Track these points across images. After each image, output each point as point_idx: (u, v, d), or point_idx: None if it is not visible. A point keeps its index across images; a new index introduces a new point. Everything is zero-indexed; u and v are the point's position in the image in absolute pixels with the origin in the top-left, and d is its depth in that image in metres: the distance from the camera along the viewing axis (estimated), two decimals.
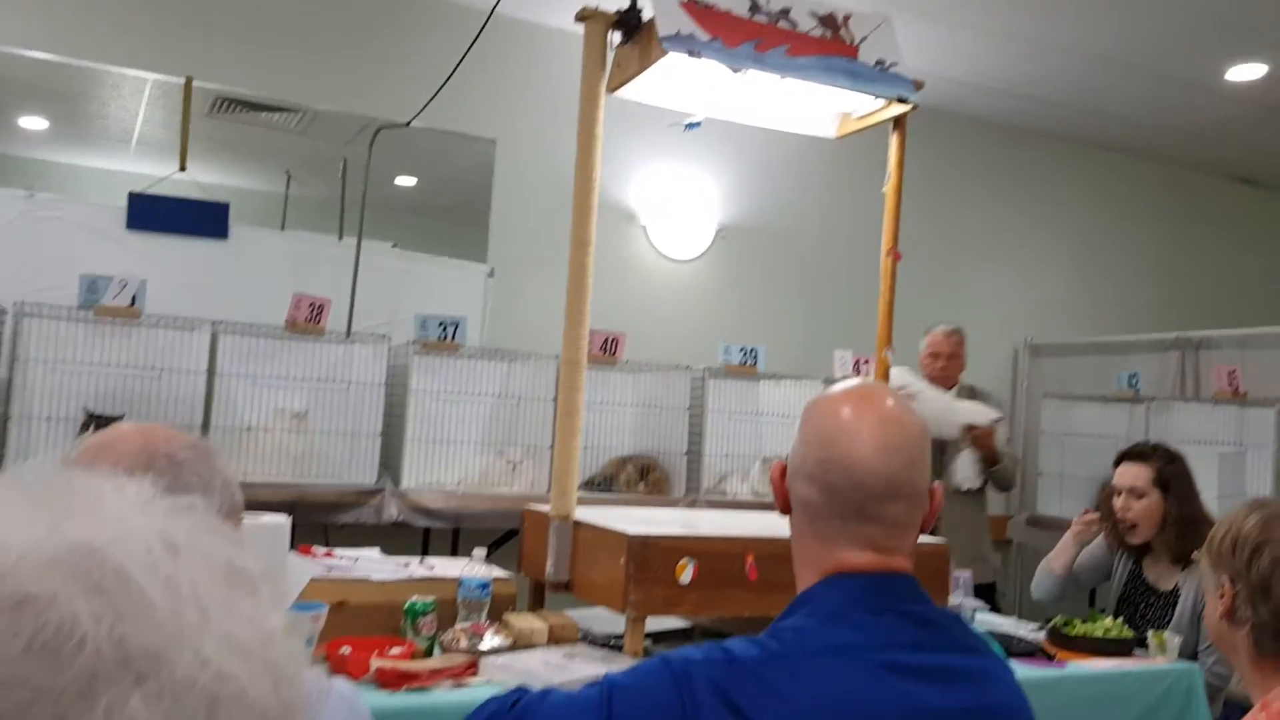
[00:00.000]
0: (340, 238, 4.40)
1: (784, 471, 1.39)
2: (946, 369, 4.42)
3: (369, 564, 2.45)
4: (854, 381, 1.47)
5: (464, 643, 2.20)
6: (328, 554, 2.49)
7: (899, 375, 3.64)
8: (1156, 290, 6.27)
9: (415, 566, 2.51)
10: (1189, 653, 2.97)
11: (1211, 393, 4.57)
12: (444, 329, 3.91)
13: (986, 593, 4.04)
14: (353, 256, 4.20)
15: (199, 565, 0.59)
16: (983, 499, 4.44)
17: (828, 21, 2.73)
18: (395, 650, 2.14)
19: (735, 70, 2.50)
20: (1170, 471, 3.22)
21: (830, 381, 4.64)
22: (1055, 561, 3.40)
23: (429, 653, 2.20)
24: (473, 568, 2.36)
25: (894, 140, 2.89)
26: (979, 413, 4.15)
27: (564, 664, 2.17)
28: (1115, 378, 4.94)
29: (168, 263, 3.85)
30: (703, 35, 2.50)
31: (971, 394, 4.44)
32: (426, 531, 4.03)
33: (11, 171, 4.10)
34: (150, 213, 3.87)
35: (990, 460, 4.23)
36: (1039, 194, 6.06)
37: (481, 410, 3.93)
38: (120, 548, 0.56)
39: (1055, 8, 4.37)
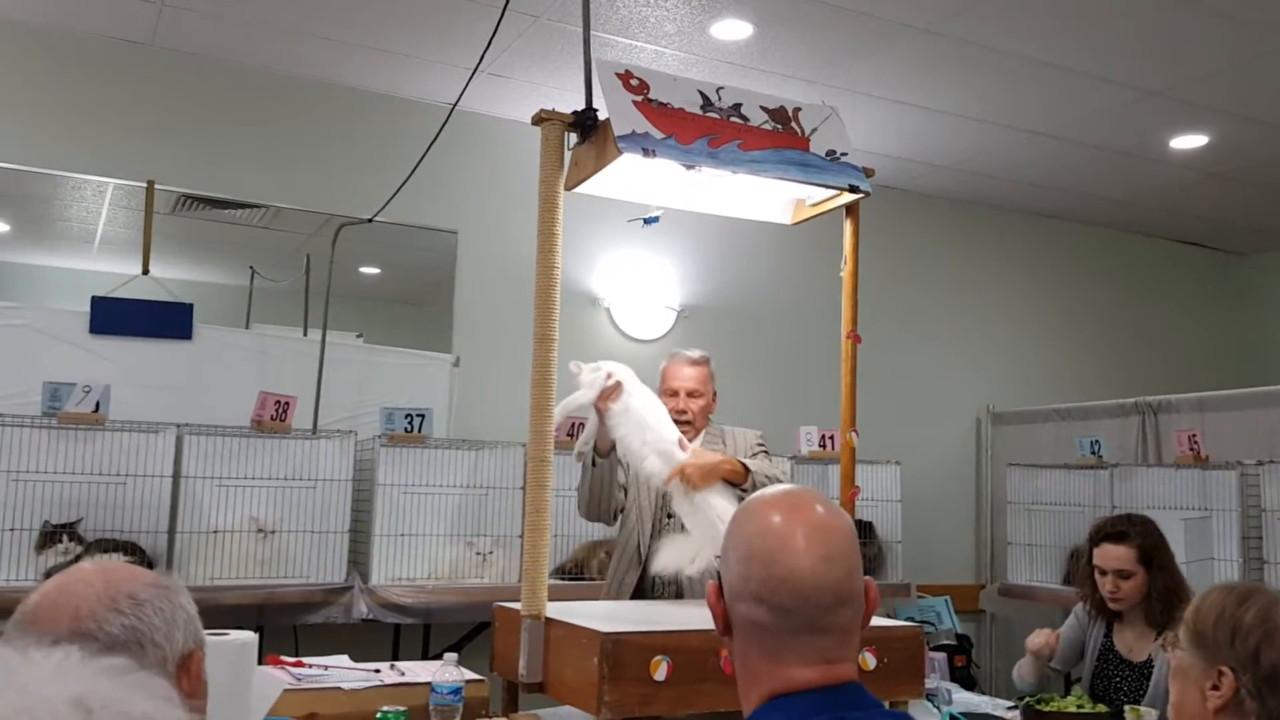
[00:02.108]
0: (305, 332, 4.41)
1: (720, 592, 1.35)
2: (688, 409, 3.18)
3: (339, 672, 2.43)
4: (779, 488, 1.41)
5: None
6: (297, 663, 2.47)
7: (616, 368, 2.94)
8: (1112, 355, 6.37)
9: (386, 672, 2.48)
10: None
11: (1173, 457, 4.63)
12: (410, 421, 3.92)
13: None
14: (318, 350, 4.21)
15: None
16: None
17: (778, 115, 2.79)
18: None
19: (689, 167, 2.55)
20: (1150, 546, 3.25)
21: (797, 459, 4.67)
22: (1025, 671, 3.40)
23: None
24: (444, 672, 2.34)
25: (848, 227, 2.95)
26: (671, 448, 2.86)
27: None
28: (1077, 443, 4.99)
29: (132, 366, 3.85)
30: (657, 134, 2.55)
31: (720, 436, 3.27)
32: (397, 627, 3.99)
33: None
34: (114, 316, 3.87)
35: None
36: (992, 264, 6.17)
37: (449, 502, 3.93)
38: (27, 717, 0.61)
39: (997, 87, 4.50)
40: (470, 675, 2.48)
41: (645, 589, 3.04)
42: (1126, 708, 2.87)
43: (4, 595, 3.11)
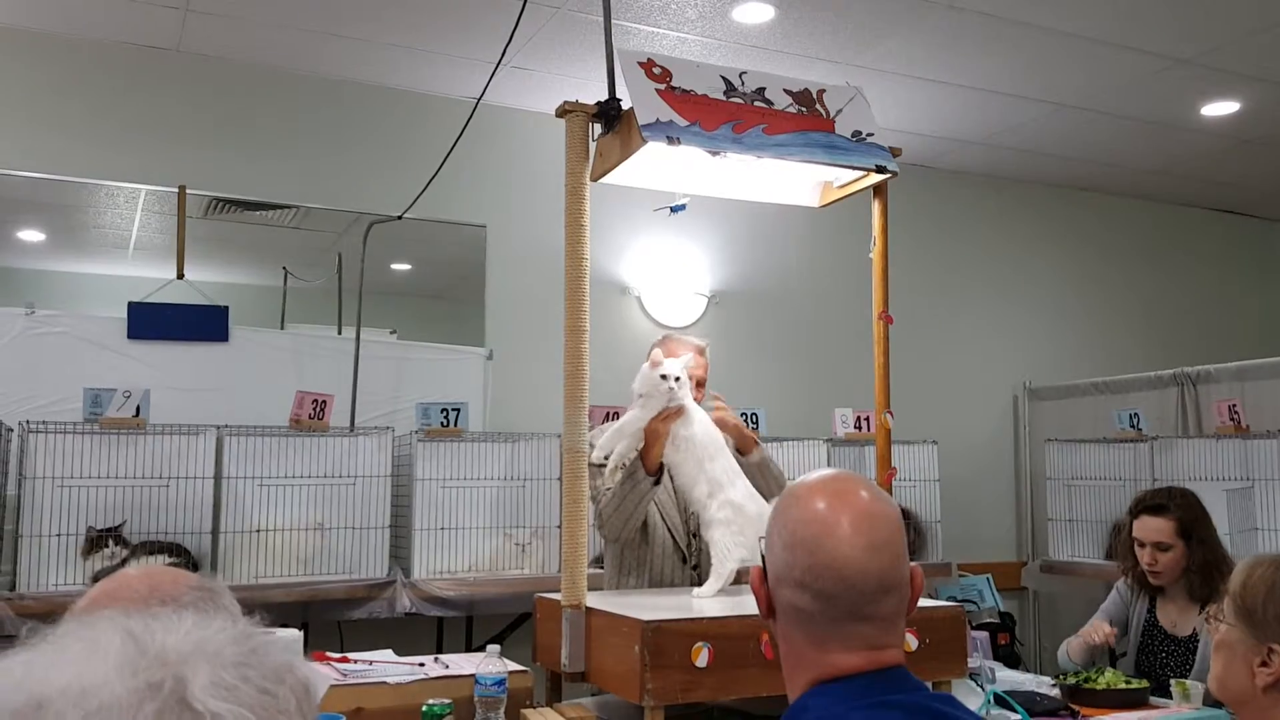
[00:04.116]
0: (339, 330, 4.45)
1: (763, 576, 1.34)
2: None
3: (384, 666, 2.46)
4: (824, 474, 1.39)
5: None
6: (343, 659, 2.49)
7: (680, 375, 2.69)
8: (1149, 326, 6.30)
9: (430, 665, 2.51)
10: (1211, 699, 2.95)
11: (1213, 427, 4.58)
12: (446, 415, 3.94)
13: None
14: (353, 348, 4.24)
15: None
16: None
17: (802, 98, 2.78)
18: None
19: (714, 154, 2.54)
20: (1190, 519, 3.24)
21: (833, 441, 4.66)
22: (1074, 651, 3.39)
23: None
24: (487, 663, 2.36)
25: (876, 207, 2.94)
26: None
27: None
28: (1116, 417, 4.95)
29: (170, 369, 3.89)
30: (681, 121, 2.55)
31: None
32: (440, 620, 4.03)
33: (11, 283, 4.16)
34: (150, 321, 3.92)
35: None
36: (1024, 239, 6.12)
37: (487, 494, 3.95)
38: (209, 647, 0.68)
39: (1023, 60, 4.45)
40: (513, 666, 2.50)
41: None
42: (1173, 682, 2.86)
43: (54, 599, 3.17)
